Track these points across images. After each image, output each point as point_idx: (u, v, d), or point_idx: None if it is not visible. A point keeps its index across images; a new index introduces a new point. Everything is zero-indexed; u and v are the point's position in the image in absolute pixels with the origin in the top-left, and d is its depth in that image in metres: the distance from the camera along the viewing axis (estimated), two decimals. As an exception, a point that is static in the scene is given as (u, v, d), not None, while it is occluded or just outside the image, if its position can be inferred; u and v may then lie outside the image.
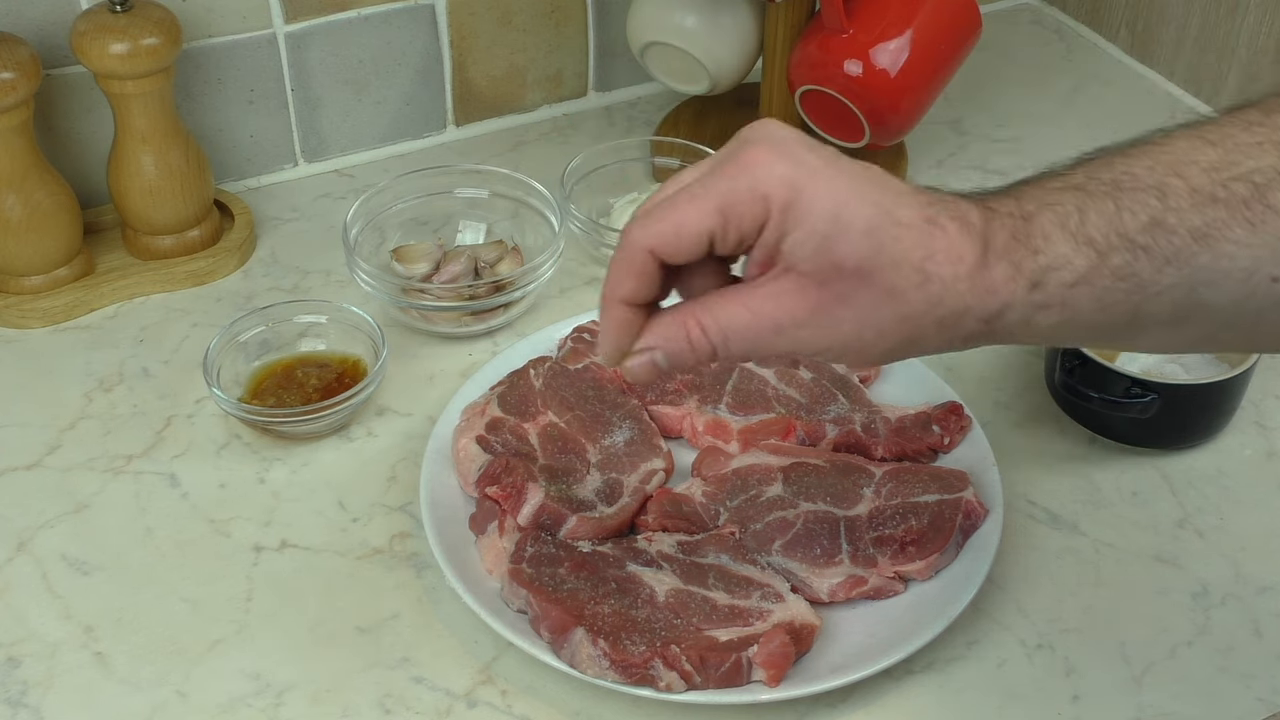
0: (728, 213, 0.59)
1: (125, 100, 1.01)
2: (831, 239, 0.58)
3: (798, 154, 0.59)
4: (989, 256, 0.58)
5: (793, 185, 0.58)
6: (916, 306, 0.58)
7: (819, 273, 0.58)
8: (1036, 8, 1.44)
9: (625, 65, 1.26)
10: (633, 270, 0.61)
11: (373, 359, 0.96)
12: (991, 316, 0.59)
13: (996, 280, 0.58)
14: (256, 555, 0.87)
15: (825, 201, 0.58)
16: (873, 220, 0.58)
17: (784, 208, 0.58)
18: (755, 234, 0.59)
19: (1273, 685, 0.80)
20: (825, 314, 0.59)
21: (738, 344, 0.61)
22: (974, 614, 0.83)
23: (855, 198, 0.58)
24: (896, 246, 0.58)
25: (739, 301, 0.60)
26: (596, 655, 0.76)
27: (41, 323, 1.04)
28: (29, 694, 0.79)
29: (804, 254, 0.58)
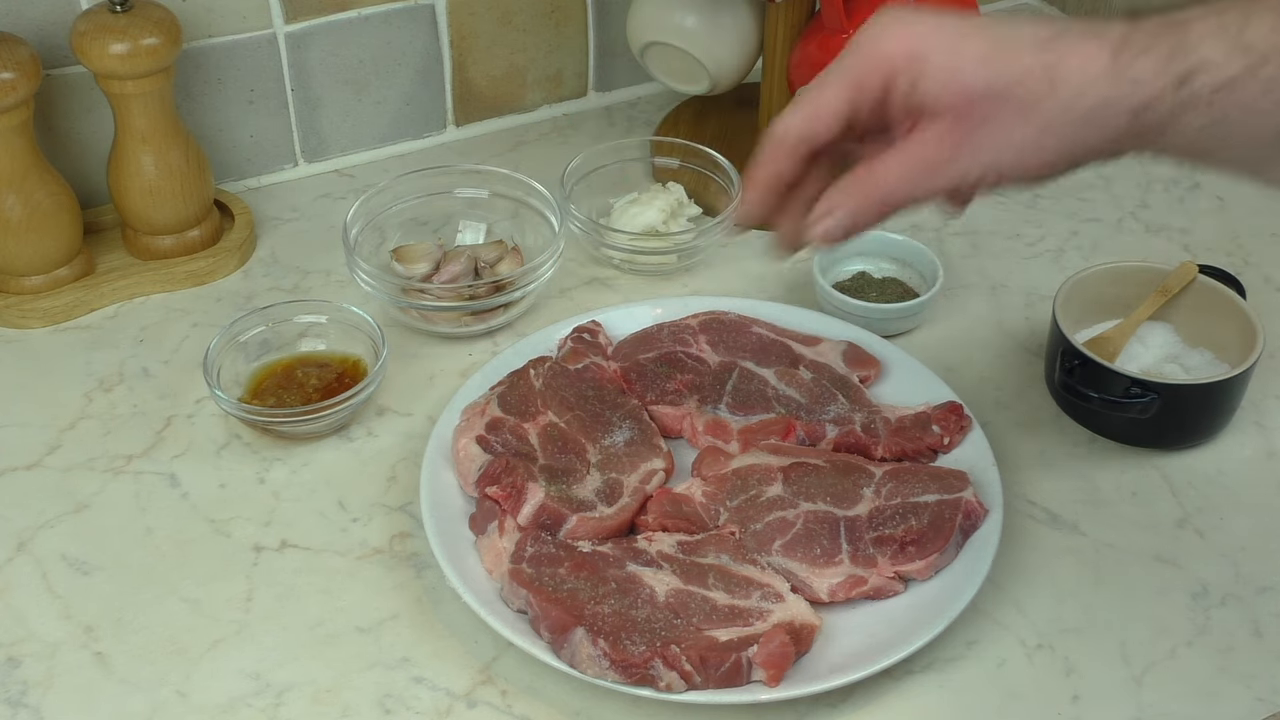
0: (858, 83, 0.65)
1: (125, 100, 1.01)
2: (954, 71, 0.62)
3: (910, 18, 0.64)
4: (1123, 55, 0.60)
5: (909, 40, 0.64)
6: (1053, 113, 0.61)
7: (954, 106, 0.63)
8: (1036, 8, 1.44)
9: (625, 65, 1.26)
10: (782, 153, 0.67)
11: (373, 359, 0.96)
12: (1139, 109, 0.60)
13: (1139, 73, 0.60)
14: (256, 555, 0.87)
15: (942, 44, 0.63)
16: (988, 48, 0.62)
17: (907, 60, 0.63)
18: (885, 94, 0.65)
19: (1273, 685, 0.80)
20: (972, 140, 0.63)
21: (909, 190, 0.66)
22: (974, 614, 0.83)
23: (971, 34, 0.63)
24: (1017, 64, 0.61)
25: (893, 157, 0.65)
26: (596, 655, 0.76)
27: (41, 323, 1.04)
28: (29, 694, 0.79)
29: (935, 92, 0.63)
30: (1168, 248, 1.13)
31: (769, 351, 0.97)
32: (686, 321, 0.99)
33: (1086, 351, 0.92)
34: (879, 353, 0.98)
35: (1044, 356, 0.99)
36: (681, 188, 1.13)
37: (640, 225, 1.08)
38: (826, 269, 1.05)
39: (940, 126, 0.63)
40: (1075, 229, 1.15)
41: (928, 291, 1.03)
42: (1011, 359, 1.02)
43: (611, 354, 0.98)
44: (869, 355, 0.97)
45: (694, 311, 1.00)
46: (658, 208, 1.09)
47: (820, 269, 1.04)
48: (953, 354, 1.02)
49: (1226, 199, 1.18)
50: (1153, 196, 1.19)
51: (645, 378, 0.96)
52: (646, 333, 0.99)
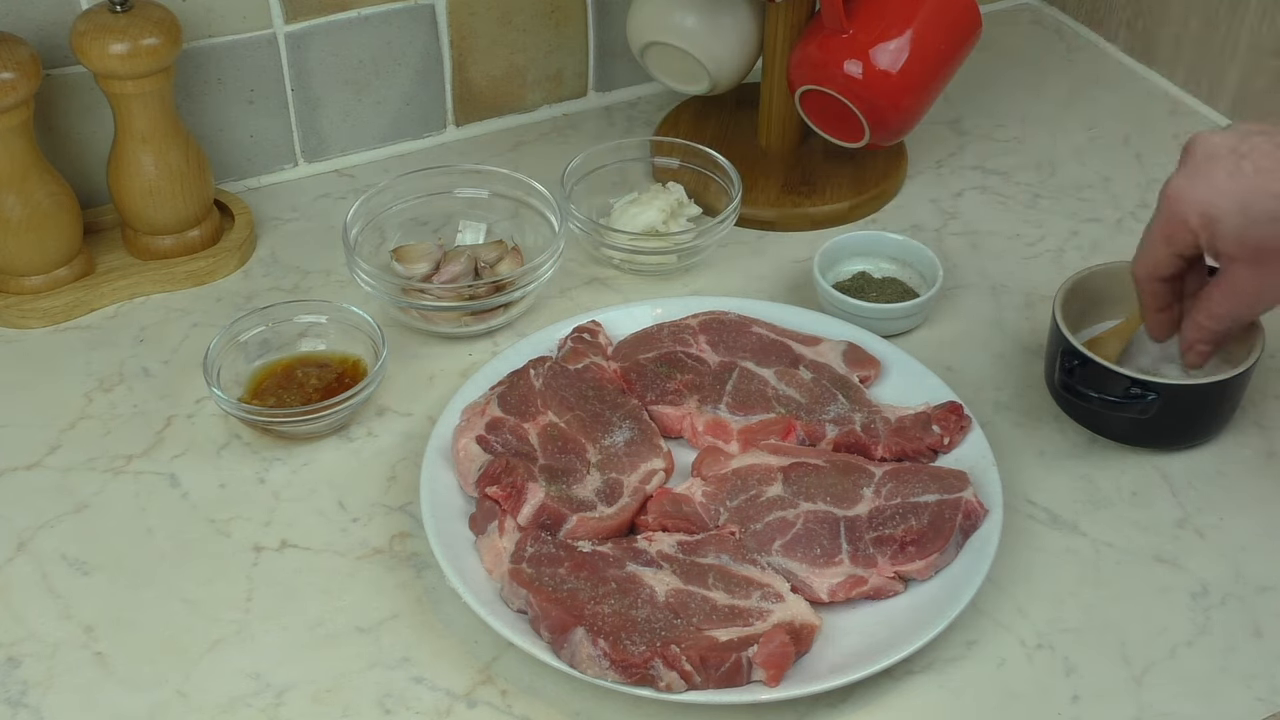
0: (1170, 240, 0.83)
1: (125, 100, 1.01)
2: (1245, 232, 0.78)
3: (1205, 169, 0.80)
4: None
5: (1205, 207, 0.80)
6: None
7: (1249, 256, 0.80)
8: (1036, 8, 1.44)
9: (625, 65, 1.26)
10: (1149, 292, 0.89)
11: (373, 359, 0.96)
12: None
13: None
14: (256, 555, 0.87)
15: (1232, 208, 0.78)
16: (1273, 209, 0.77)
17: (1202, 225, 0.80)
18: (1195, 248, 0.82)
19: (1273, 685, 0.80)
20: (1271, 280, 0.81)
21: (1231, 318, 0.85)
22: (974, 614, 0.83)
23: (1255, 196, 0.77)
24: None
25: (1217, 292, 0.84)
26: (596, 655, 0.76)
27: (41, 323, 1.04)
28: (29, 694, 0.79)
29: (1231, 248, 0.80)
30: (1168, 248, 1.13)
31: (769, 351, 0.97)
32: (686, 321, 0.99)
33: (1086, 351, 0.92)
34: (879, 353, 0.98)
35: (1044, 356, 0.99)
36: (681, 188, 1.13)
37: (640, 225, 1.08)
38: (826, 269, 1.05)
39: (1242, 270, 0.81)
40: (1075, 229, 1.15)
41: (928, 291, 1.03)
42: (1011, 359, 1.02)
43: (611, 354, 0.98)
44: (869, 355, 0.97)
45: (694, 311, 1.00)
46: (658, 208, 1.09)
47: (820, 269, 1.04)
48: (953, 354, 1.02)
49: (1226, 199, 1.18)
50: (1152, 196, 1.18)
51: (645, 378, 0.96)
52: (646, 333, 0.99)
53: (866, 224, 1.15)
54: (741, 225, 1.13)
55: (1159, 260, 0.85)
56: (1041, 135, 1.25)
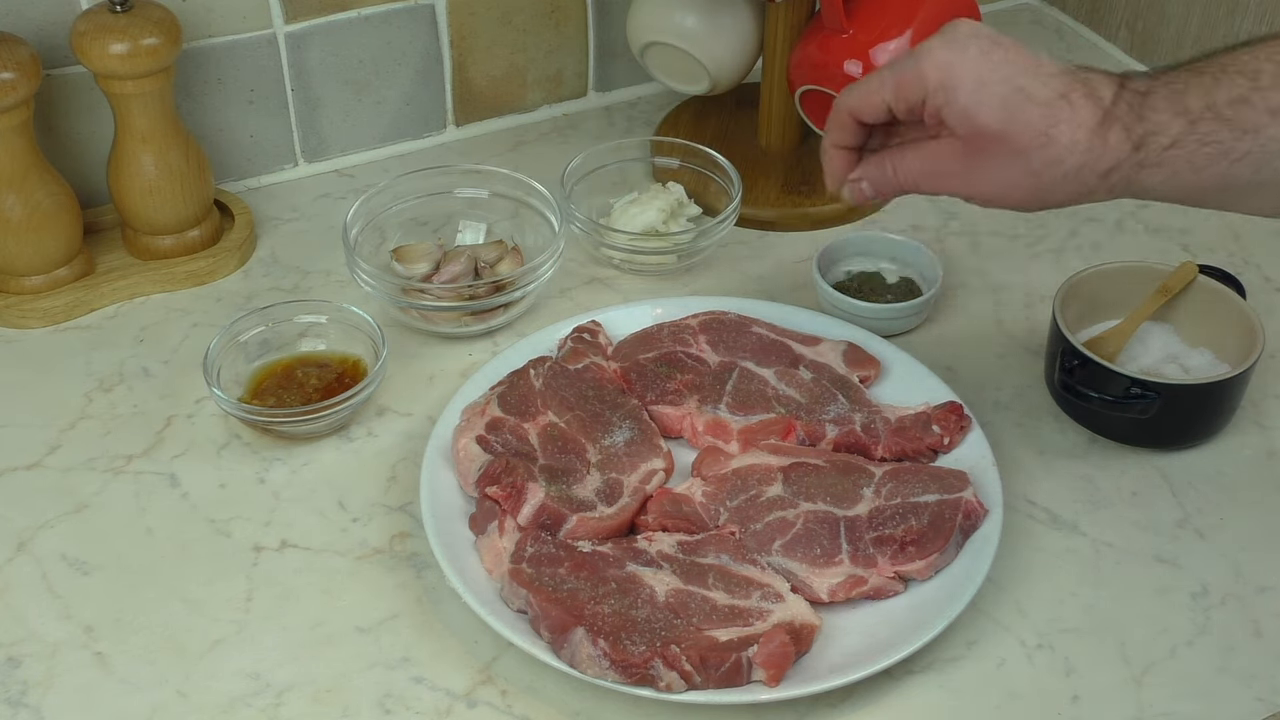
0: (898, 88, 0.77)
1: (125, 100, 1.01)
2: (973, 109, 0.74)
3: (963, 42, 0.76)
4: (1107, 123, 0.73)
5: (947, 68, 0.75)
6: (1040, 163, 0.74)
7: (967, 136, 0.76)
8: (1036, 8, 1.44)
9: (625, 65, 1.26)
10: (838, 124, 0.82)
11: (373, 359, 0.96)
12: (1106, 171, 0.74)
13: (1110, 141, 0.73)
14: (256, 555, 0.87)
15: (970, 80, 0.74)
16: (1007, 96, 0.74)
17: (938, 87, 0.75)
18: (919, 105, 0.77)
19: (1273, 685, 0.80)
20: (972, 166, 0.77)
21: (909, 181, 0.80)
22: (974, 614, 0.83)
23: (999, 80, 0.74)
24: (1025, 116, 0.73)
25: (915, 153, 0.80)
26: (596, 655, 0.76)
27: (41, 323, 1.04)
28: (29, 694, 0.79)
29: (955, 121, 0.76)
30: (1168, 248, 1.13)
31: (769, 351, 0.97)
32: (686, 321, 0.99)
33: (1086, 351, 0.92)
34: (879, 353, 0.98)
35: (1044, 356, 0.99)
36: (681, 188, 1.13)
37: (640, 225, 1.08)
38: (826, 269, 1.05)
39: (953, 145, 0.77)
40: (1075, 229, 1.15)
41: (928, 291, 1.03)
42: (1011, 359, 1.02)
43: (611, 354, 0.98)
44: (869, 355, 0.97)
45: (694, 311, 1.00)
46: (658, 208, 1.09)
47: (820, 269, 1.04)
48: (953, 354, 1.02)
49: (1226, 199, 1.18)
50: (1153, 196, 1.18)
51: (645, 378, 0.96)
52: (646, 333, 0.99)
53: (866, 224, 1.15)
54: (741, 225, 1.13)
55: (875, 103, 0.79)
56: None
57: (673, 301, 1.02)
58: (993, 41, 0.76)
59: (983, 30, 0.77)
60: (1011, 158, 0.75)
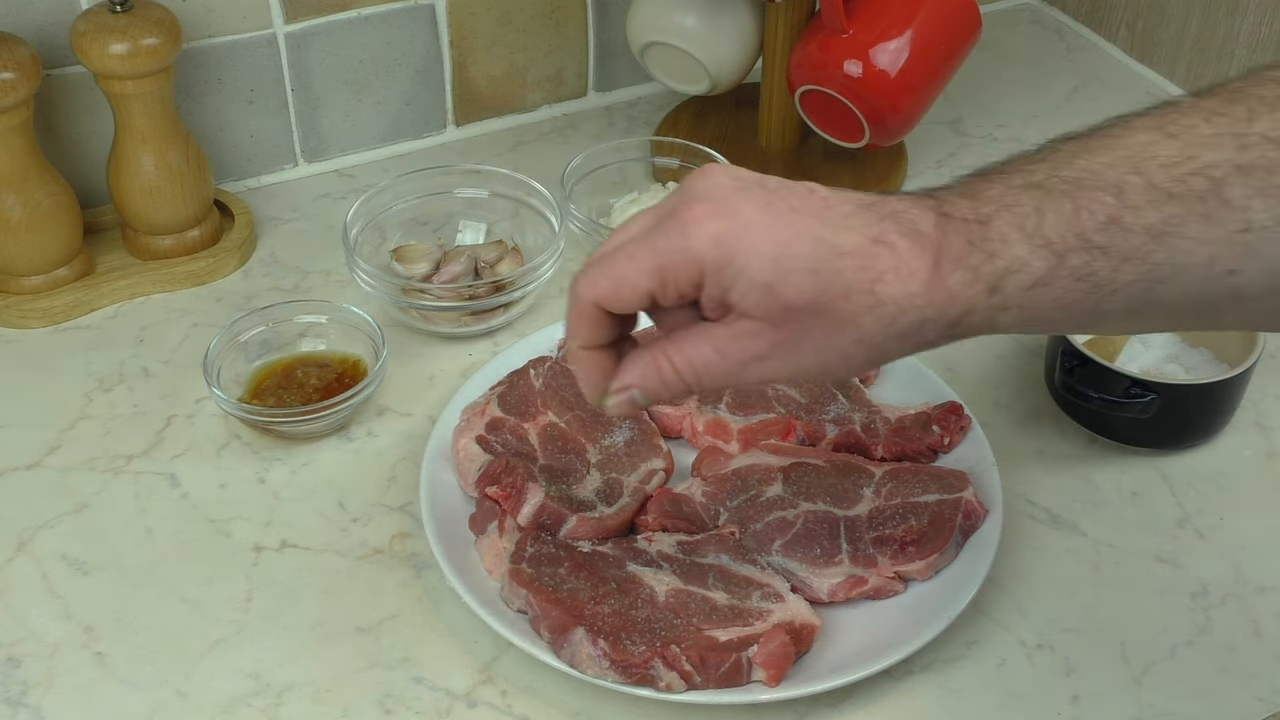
0: (664, 274, 0.61)
1: (125, 100, 1.01)
2: (775, 285, 0.59)
3: (734, 207, 0.60)
4: (943, 267, 0.59)
5: (725, 245, 0.59)
6: (872, 328, 0.60)
7: (771, 316, 0.60)
8: (1036, 8, 1.44)
9: (625, 65, 1.26)
10: (584, 319, 0.64)
11: (373, 359, 0.96)
12: (954, 322, 0.60)
13: (954, 288, 0.59)
14: (256, 555, 0.87)
15: (763, 251, 0.59)
16: (814, 257, 0.59)
17: (718, 268, 0.59)
18: (694, 291, 0.61)
19: (1273, 685, 0.80)
20: (786, 348, 0.61)
21: (709, 379, 0.63)
22: (974, 614, 0.83)
23: (795, 237, 0.59)
24: (842, 278, 0.59)
25: (705, 340, 0.62)
26: (596, 655, 0.76)
27: (41, 323, 1.04)
28: (29, 694, 0.79)
29: (751, 303, 0.60)
30: (1168, 248, 1.13)
31: (769, 351, 0.97)
32: (686, 321, 0.99)
33: (1086, 351, 0.92)
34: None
35: (1044, 356, 0.99)
36: (681, 188, 1.13)
37: (640, 225, 1.08)
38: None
39: (756, 327, 0.60)
40: (1075, 229, 1.15)
41: (928, 291, 1.03)
42: (1011, 359, 1.02)
43: (611, 354, 0.98)
44: None
45: (694, 311, 1.00)
46: (658, 208, 1.09)
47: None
48: (953, 354, 1.02)
49: (1226, 199, 1.18)
50: (1153, 196, 1.18)
51: (645, 378, 0.95)
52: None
53: (866, 224, 1.15)
54: (741, 225, 1.12)
55: (631, 295, 0.62)
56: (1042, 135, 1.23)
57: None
58: (762, 188, 0.61)
59: (743, 176, 0.61)
60: (833, 329, 0.60)
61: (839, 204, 0.61)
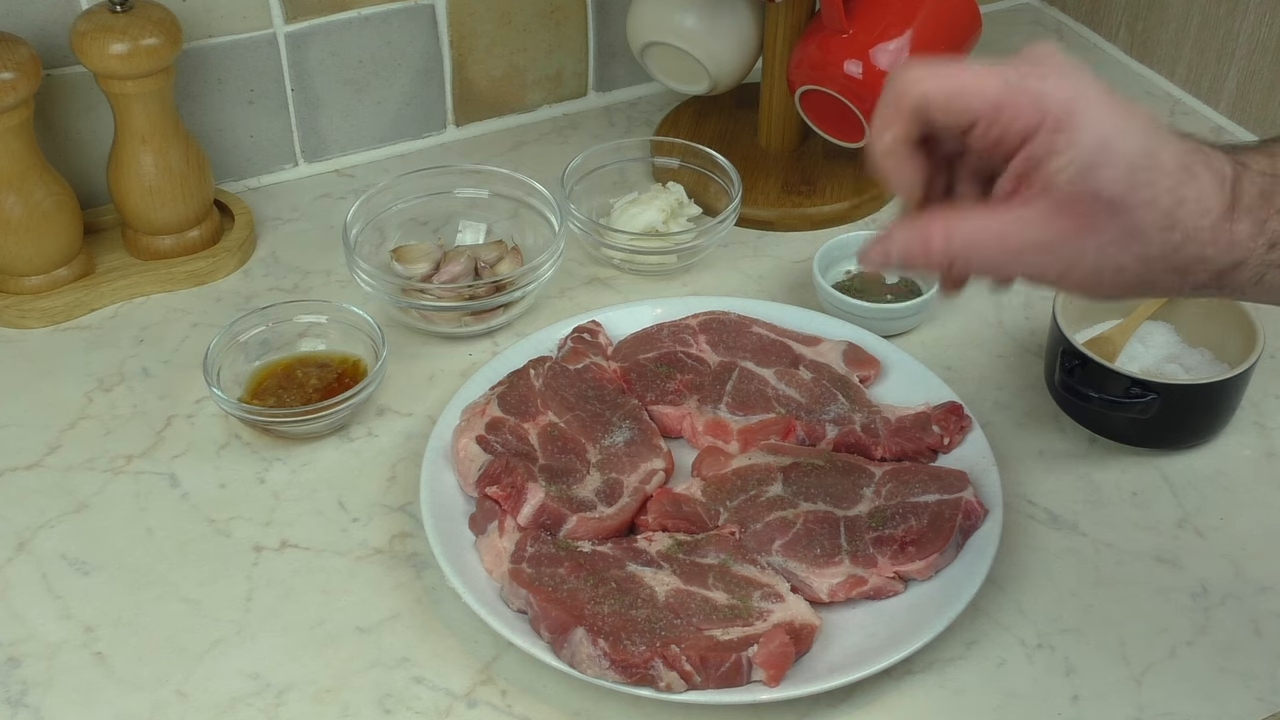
0: (1005, 105, 0.59)
1: (125, 100, 1.01)
2: (1096, 167, 0.58)
3: (1087, 81, 0.59)
4: (1236, 211, 0.59)
5: (1072, 107, 0.58)
6: (1157, 248, 0.59)
7: (1075, 198, 0.58)
8: (1036, 8, 1.44)
9: (625, 65, 1.26)
10: (902, 115, 0.61)
11: (373, 359, 0.96)
12: (1226, 269, 0.60)
13: (1239, 235, 0.59)
14: (256, 555, 0.87)
15: (1098, 128, 0.58)
16: (1138, 156, 0.58)
17: (1057, 126, 0.58)
18: (1019, 141, 0.59)
19: (1273, 685, 0.80)
20: (1070, 242, 0.59)
21: (978, 259, 0.61)
22: (974, 614, 0.83)
23: (1127, 130, 0.58)
24: (1152, 188, 0.58)
25: (989, 217, 0.60)
26: (596, 655, 0.76)
27: (41, 323, 1.04)
28: (29, 694, 0.79)
29: (1067, 175, 0.58)
30: (1168, 248, 1.13)
31: (769, 351, 0.97)
32: (686, 321, 0.99)
33: (1086, 351, 0.92)
34: (879, 353, 0.98)
35: (1044, 356, 0.99)
36: (681, 188, 1.13)
37: (640, 225, 1.08)
38: (826, 269, 1.05)
39: (1049, 211, 0.59)
40: (1075, 229, 1.15)
41: (928, 291, 1.03)
42: (1011, 359, 1.02)
43: (611, 354, 0.98)
44: (869, 355, 0.97)
45: (694, 311, 1.00)
46: (658, 208, 1.09)
47: (820, 269, 1.04)
48: (953, 354, 1.02)
49: (1226, 199, 1.18)
50: (1153, 196, 1.18)
51: (645, 378, 0.96)
52: (646, 333, 0.99)
53: (866, 224, 1.15)
54: (741, 225, 1.13)
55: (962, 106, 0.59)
56: (1041, 135, 1.25)
57: (673, 301, 1.02)
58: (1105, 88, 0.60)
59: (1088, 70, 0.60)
60: (1124, 236, 0.59)
61: (1160, 122, 0.60)
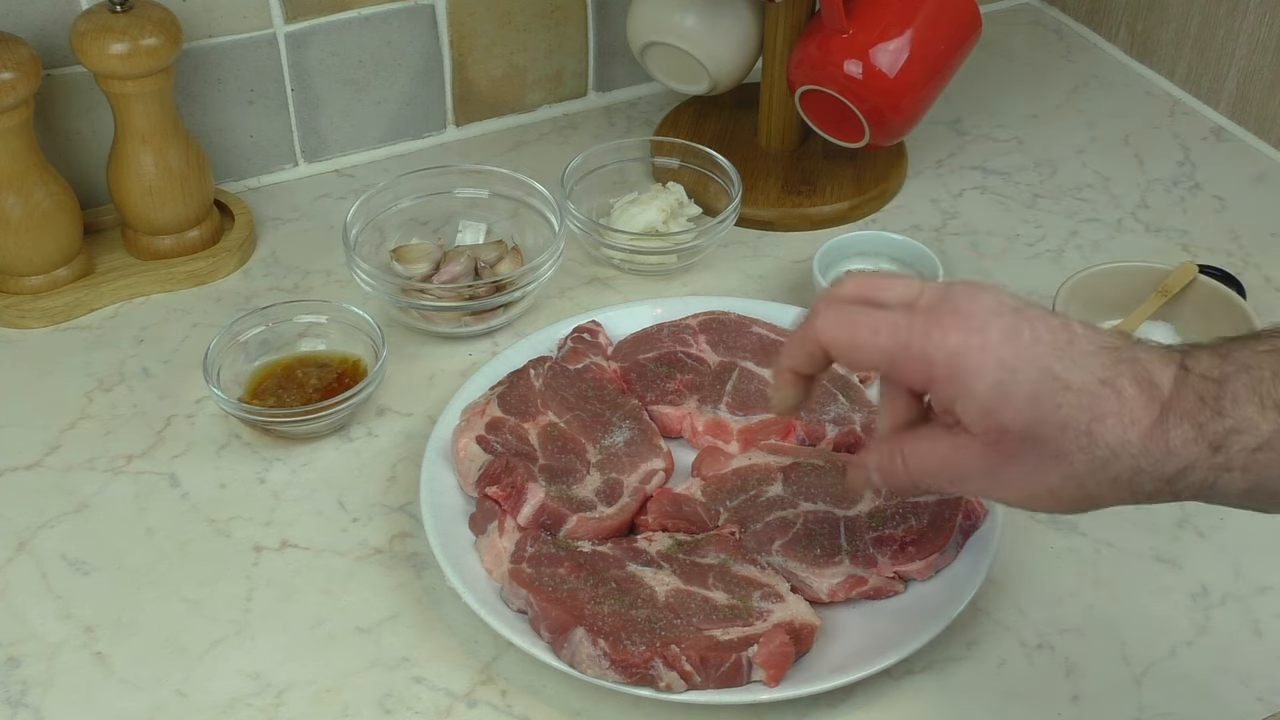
0: (896, 363, 0.64)
1: (125, 100, 1.01)
2: (994, 408, 0.61)
3: (982, 321, 0.62)
4: (1168, 420, 0.60)
5: (956, 362, 0.62)
6: (1083, 468, 0.61)
7: (987, 434, 0.62)
8: (1036, 8, 1.44)
9: (625, 65, 1.26)
10: (806, 352, 0.68)
11: (373, 359, 0.96)
12: (1171, 477, 0.61)
13: (1174, 443, 0.60)
14: (256, 555, 0.87)
15: (987, 374, 0.61)
16: (1037, 388, 0.60)
17: (946, 381, 0.62)
18: (922, 388, 0.65)
19: (1273, 685, 0.80)
20: (997, 470, 0.63)
21: (925, 481, 0.67)
22: (974, 614, 0.83)
23: (1023, 365, 0.61)
24: (1060, 412, 0.60)
25: (935, 441, 0.66)
26: (596, 655, 0.76)
27: (41, 323, 1.04)
28: (29, 694, 0.79)
29: (971, 418, 0.62)
30: (1168, 248, 1.13)
31: (769, 351, 0.97)
32: (686, 321, 0.99)
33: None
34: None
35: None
36: (681, 188, 1.13)
37: (640, 225, 1.08)
38: (826, 269, 1.05)
39: (973, 443, 0.63)
40: (1075, 229, 1.15)
41: (928, 291, 1.03)
42: (1011, 359, 1.02)
43: (611, 354, 0.98)
44: None
45: (694, 311, 1.00)
46: (658, 208, 1.09)
47: (820, 269, 1.04)
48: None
49: (1226, 199, 1.18)
50: (1153, 197, 1.19)
51: (645, 378, 0.96)
52: (646, 333, 0.99)
53: (866, 224, 1.15)
54: (741, 225, 1.13)
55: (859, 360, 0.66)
56: (1041, 135, 1.25)
57: (673, 301, 1.02)
58: (1017, 314, 0.62)
59: (1006, 302, 0.63)
60: (1047, 461, 0.62)
61: (1084, 342, 0.62)
